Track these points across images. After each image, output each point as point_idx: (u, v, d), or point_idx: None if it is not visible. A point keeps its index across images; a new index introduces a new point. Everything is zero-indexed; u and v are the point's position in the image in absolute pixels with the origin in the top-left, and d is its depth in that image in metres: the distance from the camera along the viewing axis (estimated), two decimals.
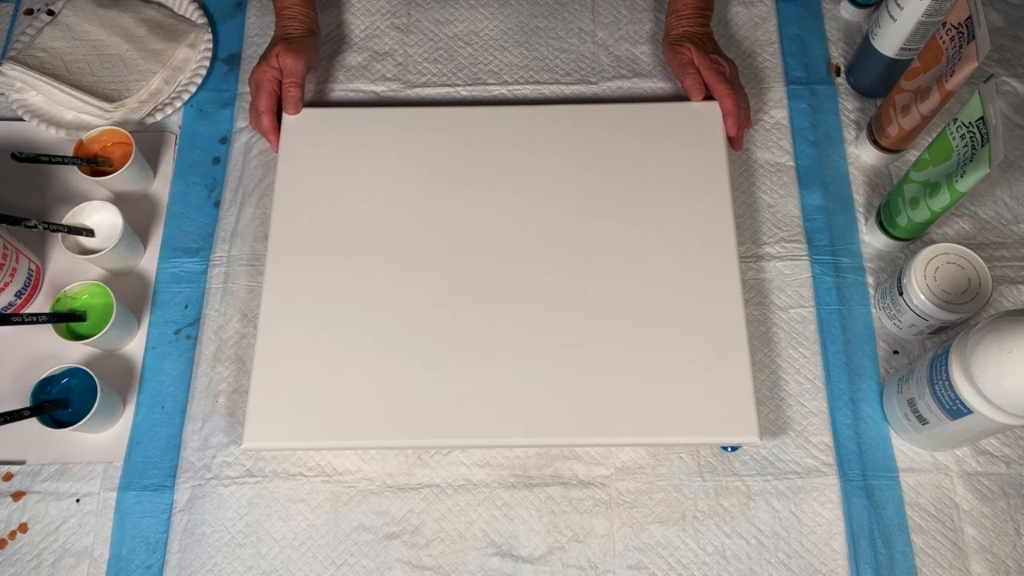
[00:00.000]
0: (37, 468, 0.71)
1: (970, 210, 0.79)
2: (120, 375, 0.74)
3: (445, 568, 0.67)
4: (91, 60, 0.85)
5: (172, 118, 0.85)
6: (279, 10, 0.83)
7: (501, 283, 0.72)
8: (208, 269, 0.78)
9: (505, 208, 0.75)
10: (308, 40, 0.82)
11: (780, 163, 0.81)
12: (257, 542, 0.68)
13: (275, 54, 0.79)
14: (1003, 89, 0.84)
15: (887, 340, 0.74)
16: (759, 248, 0.78)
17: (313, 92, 0.86)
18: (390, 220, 0.75)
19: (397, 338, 0.70)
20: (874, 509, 0.68)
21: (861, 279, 0.76)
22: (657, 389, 0.67)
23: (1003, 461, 0.69)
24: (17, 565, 0.67)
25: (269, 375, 0.69)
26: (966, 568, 0.66)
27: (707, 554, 0.67)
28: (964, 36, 0.64)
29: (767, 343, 0.74)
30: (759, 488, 0.69)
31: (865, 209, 0.79)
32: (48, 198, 0.81)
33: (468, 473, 0.70)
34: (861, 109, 0.84)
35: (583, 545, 0.67)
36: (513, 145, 0.78)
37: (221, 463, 0.70)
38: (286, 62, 0.79)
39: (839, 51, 0.87)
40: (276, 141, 0.79)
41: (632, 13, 0.90)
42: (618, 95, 0.85)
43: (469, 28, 0.90)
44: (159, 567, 0.67)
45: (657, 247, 0.73)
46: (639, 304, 0.70)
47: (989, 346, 0.55)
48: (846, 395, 0.72)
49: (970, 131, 0.63)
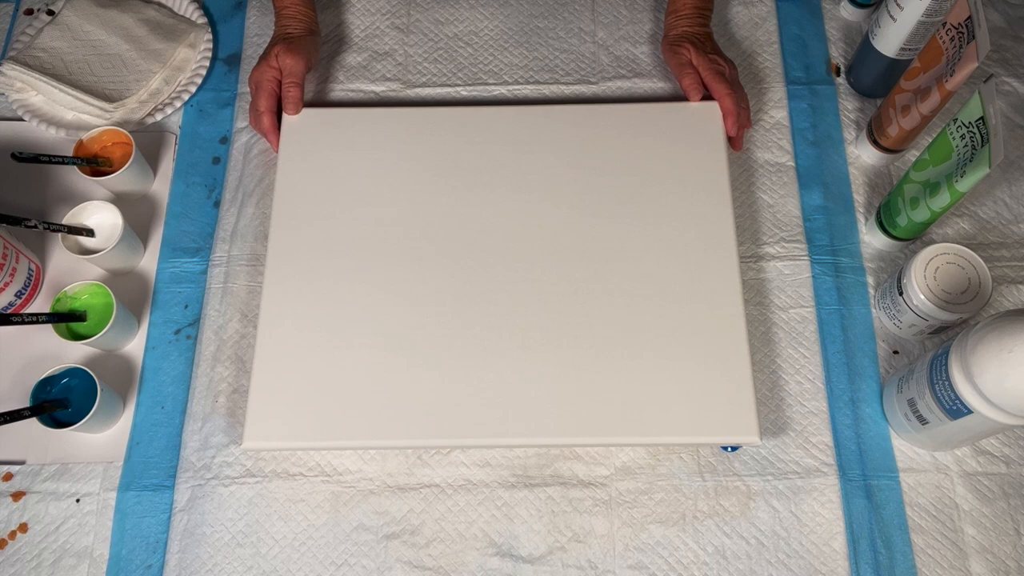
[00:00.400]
0: (37, 468, 0.71)
1: (970, 210, 0.79)
2: (120, 375, 0.74)
3: (445, 568, 0.67)
4: (91, 60, 0.85)
5: (172, 118, 0.85)
6: (279, 10, 0.83)
7: (501, 283, 0.72)
8: (208, 269, 0.78)
9: (505, 208, 0.75)
10: (308, 40, 0.82)
11: (780, 163, 0.81)
12: (257, 542, 0.68)
13: (275, 54, 0.79)
14: (1003, 89, 0.84)
15: (887, 340, 0.74)
16: (759, 248, 0.78)
17: (313, 92, 0.86)
18: (390, 220, 0.75)
19: (397, 338, 0.70)
20: (874, 509, 0.68)
21: (861, 279, 0.76)
22: (657, 389, 0.67)
23: (1003, 461, 0.69)
24: (17, 565, 0.67)
25: (269, 375, 0.69)
26: (966, 568, 0.66)
27: (707, 554, 0.67)
28: (964, 36, 0.64)
29: (767, 343, 0.74)
30: (759, 488, 0.69)
31: (865, 209, 0.79)
32: (48, 198, 0.81)
33: (468, 473, 0.70)
34: (861, 109, 0.84)
35: (583, 545, 0.67)
36: (513, 145, 0.78)
37: (221, 463, 0.70)
38: (286, 62, 0.79)
39: (839, 51, 0.87)
40: (276, 141, 0.79)
41: (632, 13, 0.90)
42: (618, 95, 0.85)
43: (469, 28, 0.90)
44: (159, 567, 0.67)
45: (657, 247, 0.73)
46: (639, 304, 0.70)
47: (989, 346, 0.55)
48: (846, 395, 0.72)
49: (970, 131, 0.63)
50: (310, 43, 0.82)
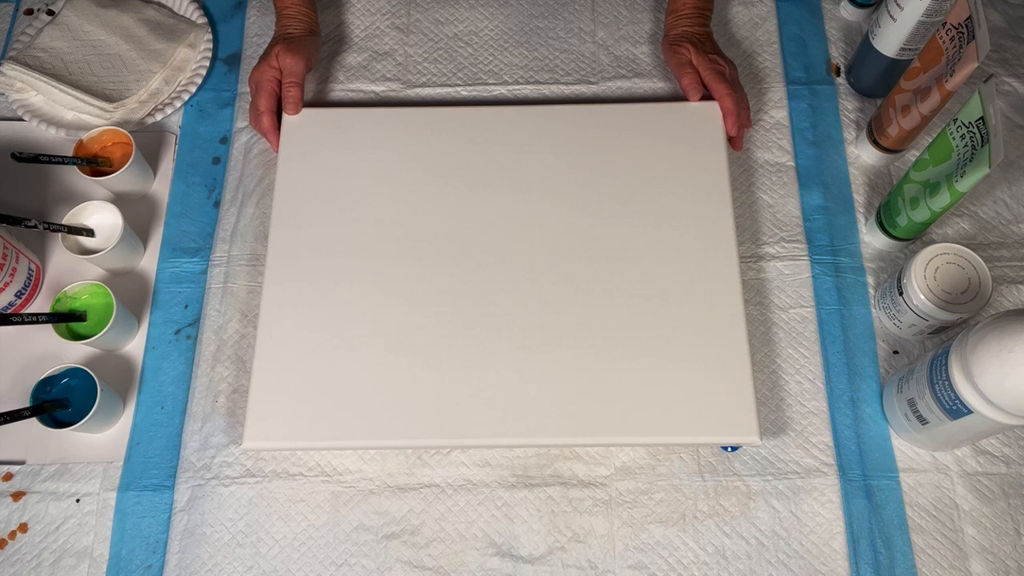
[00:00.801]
0: (37, 468, 0.71)
1: (970, 210, 0.79)
2: (120, 375, 0.74)
3: (445, 568, 0.67)
4: (91, 60, 0.85)
5: (172, 118, 0.85)
6: (279, 10, 0.83)
7: (500, 283, 0.72)
8: (208, 269, 0.78)
9: (504, 208, 0.75)
10: (308, 40, 0.82)
11: (780, 163, 0.81)
12: (257, 542, 0.68)
13: (275, 54, 0.79)
14: (1003, 89, 0.84)
15: (887, 340, 0.74)
16: (759, 248, 0.78)
17: (313, 92, 0.86)
18: (390, 220, 0.75)
19: (397, 338, 0.70)
20: (874, 509, 0.68)
21: (861, 279, 0.76)
22: (657, 389, 0.67)
23: (1003, 461, 0.69)
24: (17, 565, 0.67)
25: (269, 375, 0.68)
26: (966, 568, 0.66)
27: (707, 554, 0.67)
28: (964, 36, 0.64)
29: (767, 343, 0.74)
30: (759, 488, 0.69)
31: (865, 209, 0.79)
32: (48, 198, 0.81)
33: (468, 473, 0.70)
34: (861, 109, 0.84)
35: (583, 545, 0.67)
36: (513, 145, 0.78)
37: (221, 463, 0.70)
38: (286, 62, 0.79)
39: (839, 51, 0.87)
40: (276, 141, 0.79)
41: (632, 13, 0.90)
42: (618, 95, 0.85)
43: (469, 28, 0.90)
44: (159, 567, 0.67)
45: (657, 247, 0.73)
46: (639, 304, 0.70)
47: (989, 346, 0.55)
48: (846, 395, 0.72)
49: (970, 131, 0.63)
50: (310, 43, 0.82)
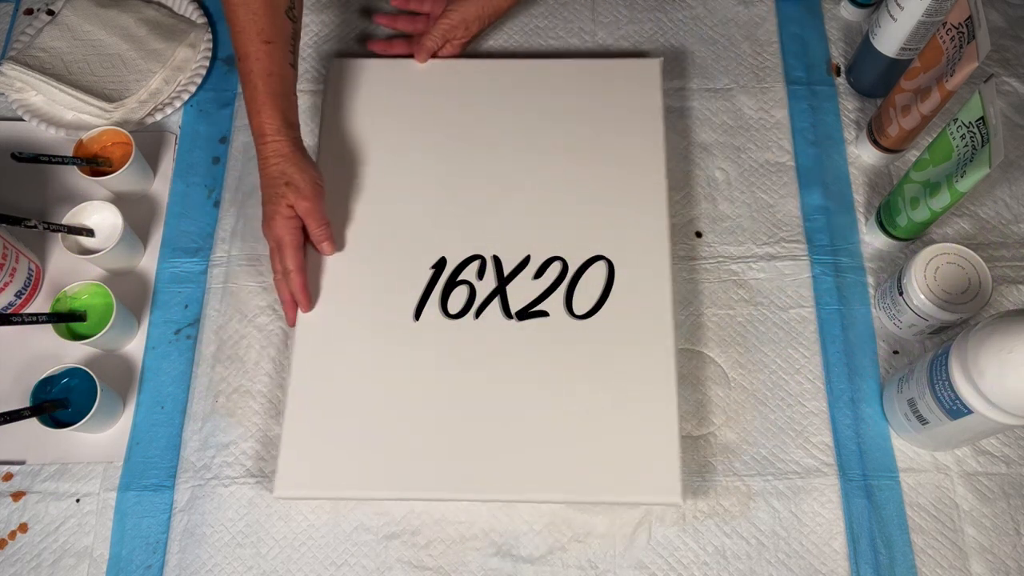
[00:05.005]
0: (37, 468, 0.71)
1: (970, 210, 0.79)
2: (120, 375, 0.74)
3: (445, 568, 0.67)
4: (91, 60, 0.85)
5: (172, 118, 0.85)
6: (262, 146, 0.69)
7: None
8: (208, 269, 0.78)
9: None
10: (303, 159, 0.70)
11: (780, 163, 0.81)
12: (257, 542, 0.68)
13: (285, 203, 0.69)
14: (1003, 89, 0.84)
15: (887, 340, 0.74)
16: (759, 248, 0.78)
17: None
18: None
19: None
20: (874, 509, 0.68)
21: (861, 279, 0.76)
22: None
23: (1003, 461, 0.69)
24: (17, 565, 0.68)
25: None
26: (966, 568, 0.66)
27: (707, 554, 0.67)
28: (964, 36, 0.64)
29: (767, 343, 0.74)
30: (759, 488, 0.69)
31: (865, 209, 0.79)
32: (48, 198, 0.81)
33: None
34: (861, 109, 0.84)
35: (583, 545, 0.67)
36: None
37: (221, 463, 0.70)
38: (303, 205, 0.69)
39: (839, 51, 0.87)
40: (307, 303, 0.70)
41: (632, 13, 0.90)
42: None
43: None
44: (159, 567, 0.67)
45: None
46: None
47: (989, 346, 0.55)
48: (846, 395, 0.72)
49: (970, 131, 0.63)
50: (308, 162, 0.71)
